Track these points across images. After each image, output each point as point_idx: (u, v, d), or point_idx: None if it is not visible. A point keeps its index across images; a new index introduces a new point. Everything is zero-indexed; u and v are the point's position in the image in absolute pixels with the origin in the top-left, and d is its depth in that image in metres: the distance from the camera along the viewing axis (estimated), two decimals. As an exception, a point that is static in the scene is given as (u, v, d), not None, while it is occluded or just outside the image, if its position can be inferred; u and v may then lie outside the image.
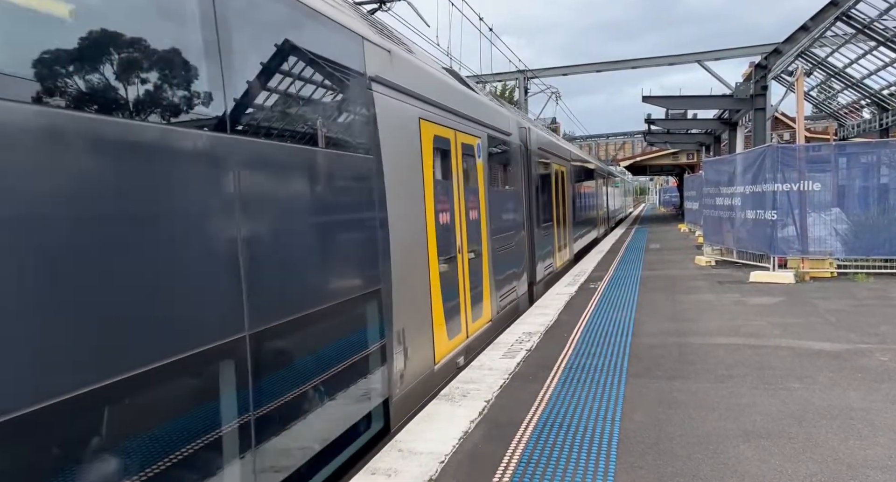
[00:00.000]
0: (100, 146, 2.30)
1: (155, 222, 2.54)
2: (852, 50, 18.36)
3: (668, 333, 7.38)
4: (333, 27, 4.25)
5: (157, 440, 2.50)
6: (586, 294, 10.44)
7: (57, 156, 2.12)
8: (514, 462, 3.91)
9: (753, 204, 12.57)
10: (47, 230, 2.07)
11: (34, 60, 2.11)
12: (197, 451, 2.67)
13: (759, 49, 22.84)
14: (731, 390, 5.19)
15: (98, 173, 2.28)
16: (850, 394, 5.02)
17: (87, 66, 2.30)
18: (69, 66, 2.24)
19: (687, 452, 3.97)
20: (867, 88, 20.90)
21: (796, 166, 11.76)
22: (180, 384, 2.64)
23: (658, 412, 4.72)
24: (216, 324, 2.83)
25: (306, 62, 3.85)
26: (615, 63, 29.65)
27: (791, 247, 11.79)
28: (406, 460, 3.95)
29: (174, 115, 2.74)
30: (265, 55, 3.46)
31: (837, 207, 11.91)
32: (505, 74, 30.34)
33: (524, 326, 8.01)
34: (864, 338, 6.83)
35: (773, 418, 4.53)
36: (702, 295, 10.15)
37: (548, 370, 5.93)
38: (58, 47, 2.21)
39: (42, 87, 2.12)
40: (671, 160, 39.31)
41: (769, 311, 8.57)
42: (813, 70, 20.00)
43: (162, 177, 2.57)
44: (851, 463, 3.75)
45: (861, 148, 13.20)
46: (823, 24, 14.70)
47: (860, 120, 23.68)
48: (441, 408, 4.92)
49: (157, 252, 2.53)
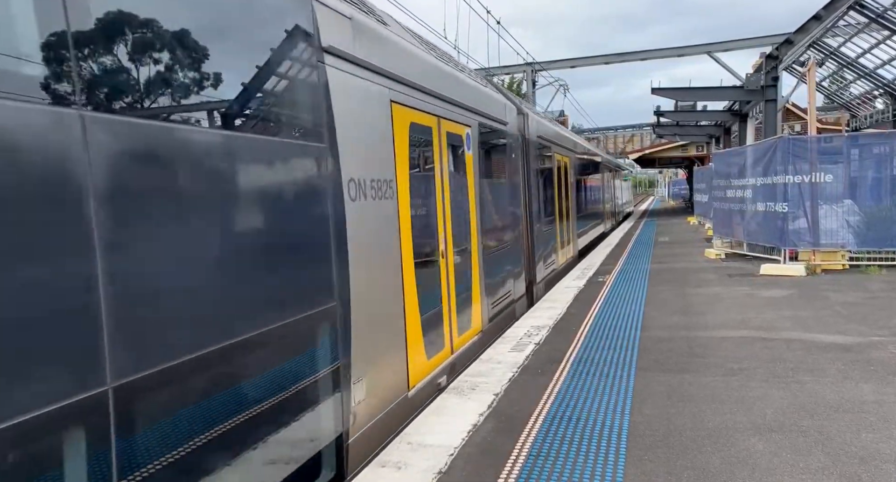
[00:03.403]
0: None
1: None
2: (865, 39, 18.10)
3: (677, 327, 7.34)
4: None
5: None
6: (595, 287, 10.40)
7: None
8: (523, 455, 3.91)
9: (764, 196, 12.47)
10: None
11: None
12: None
13: (769, 39, 22.59)
14: (742, 383, 5.16)
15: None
16: (862, 387, 4.98)
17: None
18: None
19: (697, 445, 3.95)
20: (880, 78, 20.62)
21: (808, 158, 11.65)
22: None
23: (667, 405, 4.70)
24: (66, 378, 2.06)
25: (226, 22, 3.15)
26: (623, 55, 29.44)
27: (802, 240, 11.69)
28: (415, 453, 3.96)
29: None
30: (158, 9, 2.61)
31: (849, 199, 11.79)
32: (513, 67, 30.20)
33: (532, 320, 7.99)
34: (876, 331, 6.77)
35: (784, 411, 4.50)
36: (711, 288, 10.09)
37: (556, 363, 5.92)
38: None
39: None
40: (680, 152, 39.00)
41: (780, 304, 8.51)
42: (825, 60, 19.76)
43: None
44: (864, 456, 3.72)
45: (874, 139, 13.02)
46: (836, 14, 14.52)
47: (873, 110, 23.38)
48: (450, 402, 4.93)
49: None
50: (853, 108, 25.16)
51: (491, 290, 7.54)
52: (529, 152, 10.16)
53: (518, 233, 9.17)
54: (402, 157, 4.98)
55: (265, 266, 3.21)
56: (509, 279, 8.54)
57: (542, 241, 11.00)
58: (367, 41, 4.44)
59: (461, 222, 6.55)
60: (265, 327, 3.10)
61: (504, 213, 8.45)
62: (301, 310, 3.44)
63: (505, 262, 8.32)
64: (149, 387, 2.38)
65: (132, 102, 2.50)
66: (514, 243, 8.86)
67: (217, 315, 2.81)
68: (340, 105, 3.95)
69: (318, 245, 3.69)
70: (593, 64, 30.06)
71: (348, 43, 4.15)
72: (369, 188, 4.35)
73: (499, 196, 8.25)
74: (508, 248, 8.50)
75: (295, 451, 3.41)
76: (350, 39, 4.19)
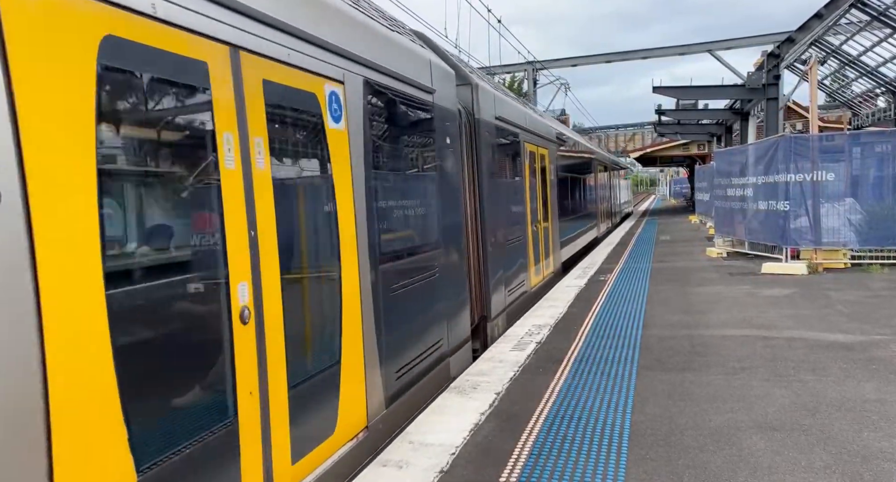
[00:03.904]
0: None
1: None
2: (867, 37, 18.08)
3: (679, 325, 7.34)
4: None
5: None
6: (596, 286, 10.40)
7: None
8: (524, 454, 3.91)
9: (766, 194, 12.45)
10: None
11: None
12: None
13: (771, 38, 22.58)
14: (744, 382, 5.16)
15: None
16: (864, 385, 4.97)
17: None
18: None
19: (699, 444, 3.95)
20: (882, 76, 20.60)
21: (809, 156, 11.63)
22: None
23: (669, 404, 4.69)
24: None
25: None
26: (625, 53, 29.44)
27: (804, 238, 11.68)
28: (417, 452, 3.96)
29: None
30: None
31: (851, 197, 11.77)
32: (514, 66, 30.21)
33: (534, 319, 7.99)
34: (878, 330, 6.76)
35: (786, 410, 4.49)
36: (713, 287, 10.08)
37: (558, 362, 5.92)
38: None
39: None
40: (682, 151, 38.98)
41: (781, 303, 8.50)
42: (827, 58, 19.74)
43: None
44: (866, 455, 3.72)
45: (875, 137, 12.99)
46: (838, 12, 14.48)
47: (875, 109, 23.37)
48: (451, 401, 4.93)
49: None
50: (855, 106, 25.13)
51: (395, 351, 4.72)
52: (480, 138, 7.52)
53: (458, 252, 6.48)
54: (88, 115, 2.26)
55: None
56: (437, 323, 5.74)
57: (502, 259, 8.24)
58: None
59: (319, 245, 4.05)
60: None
61: (427, 225, 5.71)
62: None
63: (428, 298, 5.55)
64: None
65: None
66: (449, 268, 6.07)
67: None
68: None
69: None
70: (595, 63, 30.08)
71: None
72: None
73: (417, 199, 5.55)
74: (436, 277, 5.70)
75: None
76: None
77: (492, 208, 7.85)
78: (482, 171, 7.60)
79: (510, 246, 8.80)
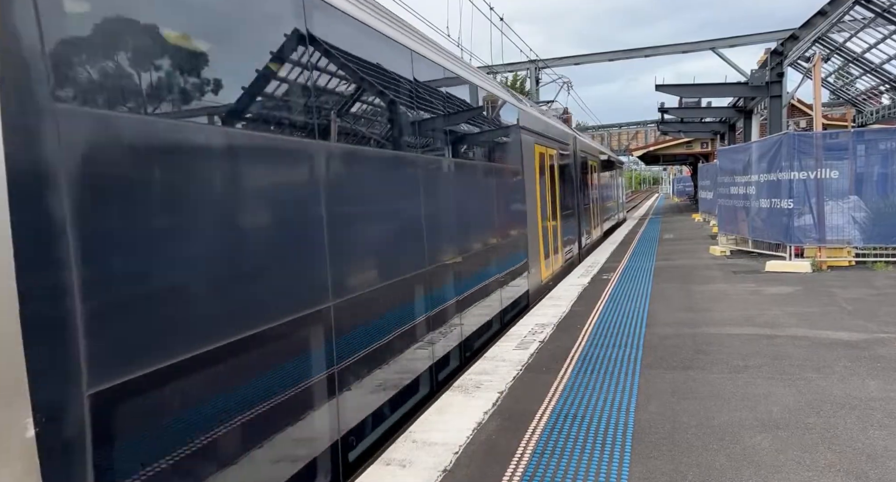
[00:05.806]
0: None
1: None
2: (871, 34, 17.98)
3: (682, 324, 7.32)
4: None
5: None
6: (599, 285, 10.38)
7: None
8: (528, 453, 3.91)
9: (769, 192, 12.41)
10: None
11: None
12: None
13: (774, 35, 22.48)
14: (747, 380, 5.15)
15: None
16: (868, 383, 4.96)
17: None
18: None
19: (702, 443, 3.94)
20: (886, 73, 20.48)
21: (813, 154, 11.58)
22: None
23: (673, 403, 4.69)
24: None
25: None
26: (628, 51, 29.30)
27: (808, 236, 11.63)
28: (420, 451, 3.96)
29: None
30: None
31: (855, 195, 11.72)
32: (516, 65, 30.13)
33: (537, 318, 7.99)
34: (882, 328, 6.73)
35: (790, 409, 4.48)
36: (716, 285, 10.06)
37: (561, 361, 5.92)
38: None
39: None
40: (685, 149, 38.85)
41: (785, 301, 8.47)
42: (830, 55, 19.64)
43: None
44: (871, 453, 3.71)
45: (880, 134, 12.92)
46: (842, 9, 14.40)
47: (879, 106, 23.23)
48: (455, 400, 4.93)
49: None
50: (859, 103, 25.00)
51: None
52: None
53: (574, 216, 6.48)
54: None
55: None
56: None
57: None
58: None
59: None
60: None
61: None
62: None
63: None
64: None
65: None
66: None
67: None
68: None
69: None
70: (598, 61, 29.96)
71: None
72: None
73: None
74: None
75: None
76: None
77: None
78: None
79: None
